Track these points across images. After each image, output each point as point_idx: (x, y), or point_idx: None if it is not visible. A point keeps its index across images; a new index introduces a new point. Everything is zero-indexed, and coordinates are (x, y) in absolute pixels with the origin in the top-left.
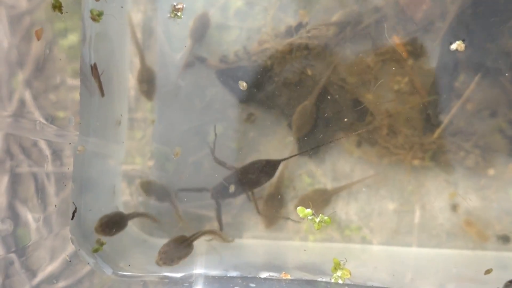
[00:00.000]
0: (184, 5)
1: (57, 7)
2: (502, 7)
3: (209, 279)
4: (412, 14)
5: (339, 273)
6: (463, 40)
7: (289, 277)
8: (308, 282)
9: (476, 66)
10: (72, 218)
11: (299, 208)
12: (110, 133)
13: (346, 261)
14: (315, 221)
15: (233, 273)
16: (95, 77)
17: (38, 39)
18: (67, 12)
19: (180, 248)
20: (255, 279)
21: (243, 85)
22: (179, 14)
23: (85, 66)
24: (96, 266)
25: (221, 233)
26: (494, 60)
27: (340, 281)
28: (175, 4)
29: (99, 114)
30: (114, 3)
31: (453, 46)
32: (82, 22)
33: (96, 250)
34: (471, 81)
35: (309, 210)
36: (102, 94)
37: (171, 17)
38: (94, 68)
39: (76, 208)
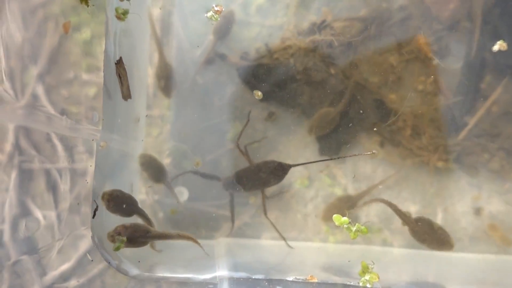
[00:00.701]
0: (223, 8)
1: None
2: None
3: (234, 281)
4: (438, 13)
5: (367, 276)
6: (504, 40)
7: (316, 280)
8: (335, 285)
9: (503, 67)
10: (93, 217)
11: (335, 216)
12: (130, 130)
13: (374, 265)
14: (351, 230)
15: (259, 276)
16: (120, 75)
17: (66, 32)
18: (93, 5)
19: (135, 237)
20: (281, 281)
21: (258, 94)
22: (216, 16)
23: (109, 62)
24: (119, 267)
25: (194, 239)
26: None
27: (369, 285)
28: (214, 6)
29: (120, 111)
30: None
31: (495, 47)
32: (106, 17)
33: (117, 248)
34: (497, 83)
35: (345, 219)
36: (127, 96)
37: (209, 18)
38: (119, 65)
39: (97, 206)
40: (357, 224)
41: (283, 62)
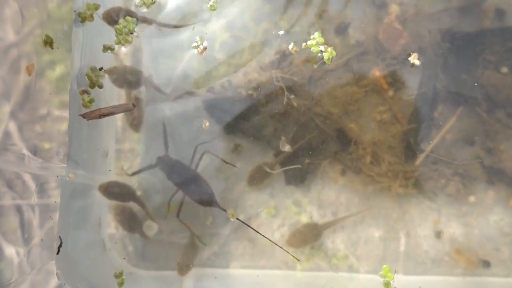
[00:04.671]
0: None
1: (48, 43)
2: (476, 40)
3: None
4: (390, 48)
5: None
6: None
7: None
8: None
9: (454, 96)
10: (57, 253)
11: (384, 266)
12: (97, 164)
13: None
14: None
15: None
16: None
17: (29, 74)
18: (57, 47)
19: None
20: None
21: (206, 124)
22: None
23: (74, 98)
24: None
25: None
26: (470, 91)
27: None
28: (201, 44)
29: (87, 146)
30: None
31: (411, 59)
32: (72, 55)
33: (121, 283)
34: (449, 111)
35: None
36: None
37: (199, 54)
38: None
39: (61, 242)
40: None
41: (246, 96)
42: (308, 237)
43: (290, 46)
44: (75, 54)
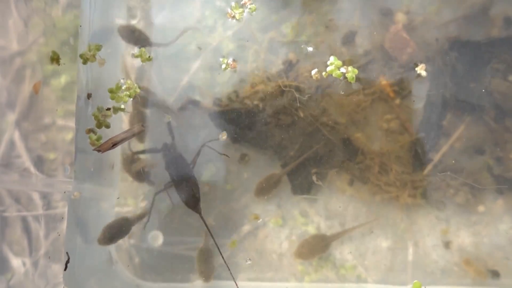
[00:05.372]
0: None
1: (55, 59)
2: (483, 48)
3: None
4: (397, 57)
5: None
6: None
7: None
8: None
9: (462, 104)
10: (65, 269)
11: (415, 282)
12: (104, 177)
13: None
14: None
15: None
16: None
17: (36, 92)
18: (64, 63)
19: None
20: None
21: (223, 137)
22: (229, 68)
23: (80, 110)
24: None
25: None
26: (479, 99)
27: None
28: (228, 60)
29: (93, 159)
30: (109, 49)
31: (417, 69)
32: (78, 68)
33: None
34: (457, 119)
35: None
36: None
37: (223, 70)
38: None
39: (69, 258)
40: None
41: (254, 107)
42: (317, 248)
43: (313, 72)
44: (80, 65)
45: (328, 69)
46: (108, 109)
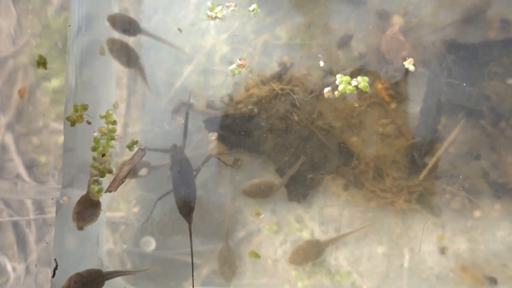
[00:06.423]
0: (246, 62)
1: (42, 63)
2: (481, 52)
3: None
4: (393, 59)
5: None
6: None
7: None
8: None
9: (458, 109)
10: (53, 276)
11: None
12: None
13: None
14: None
15: None
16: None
17: (21, 97)
18: (51, 68)
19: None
20: None
21: (212, 137)
22: (240, 69)
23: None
24: None
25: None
26: (475, 103)
27: None
28: (238, 59)
29: (81, 165)
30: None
31: (405, 63)
32: (66, 72)
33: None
34: (454, 124)
35: None
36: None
37: (232, 71)
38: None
39: (57, 265)
40: None
41: (247, 110)
42: (311, 254)
43: (325, 91)
44: (69, 68)
45: (340, 88)
46: (103, 155)
